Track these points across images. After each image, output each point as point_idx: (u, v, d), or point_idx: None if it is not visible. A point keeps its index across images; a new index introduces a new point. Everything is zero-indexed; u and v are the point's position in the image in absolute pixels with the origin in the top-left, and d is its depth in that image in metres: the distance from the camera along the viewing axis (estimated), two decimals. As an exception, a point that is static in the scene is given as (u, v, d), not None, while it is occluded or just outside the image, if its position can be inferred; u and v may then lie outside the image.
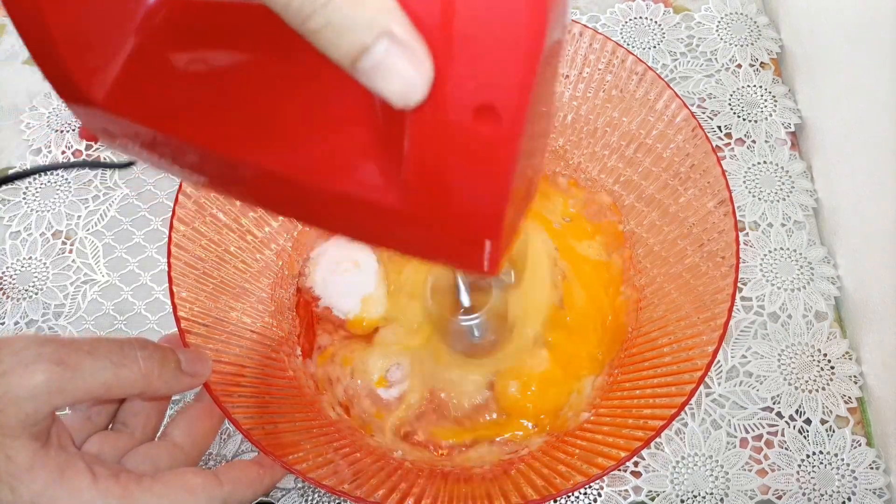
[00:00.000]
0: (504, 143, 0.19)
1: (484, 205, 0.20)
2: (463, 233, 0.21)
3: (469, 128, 0.18)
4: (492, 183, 0.19)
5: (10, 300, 0.47)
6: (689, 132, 0.38)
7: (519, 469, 0.36)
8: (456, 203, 0.20)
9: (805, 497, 0.40)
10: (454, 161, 0.19)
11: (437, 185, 0.20)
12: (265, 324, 0.41)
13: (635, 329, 0.40)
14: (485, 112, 0.18)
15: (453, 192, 0.20)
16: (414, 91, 0.18)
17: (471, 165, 0.19)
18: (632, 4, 0.56)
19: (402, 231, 0.22)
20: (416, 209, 0.21)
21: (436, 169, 0.20)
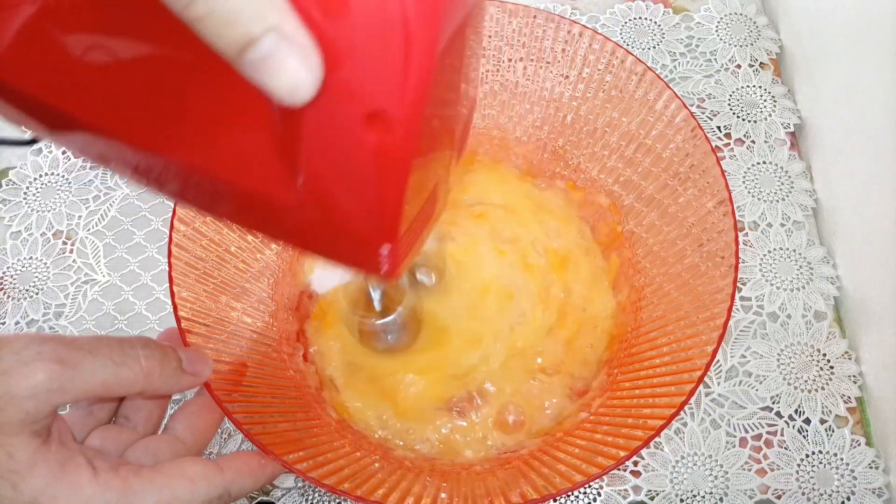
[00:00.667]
0: (395, 151, 0.18)
1: (377, 211, 0.19)
2: (357, 237, 0.20)
3: (359, 133, 0.18)
4: (384, 190, 0.19)
5: (10, 300, 0.47)
6: (688, 132, 0.38)
7: (519, 469, 0.36)
8: (349, 207, 0.20)
9: (804, 497, 0.40)
10: (346, 165, 0.19)
11: (330, 188, 0.19)
12: (265, 324, 0.41)
13: (635, 329, 0.40)
14: (375, 118, 0.17)
15: (346, 196, 0.19)
16: (301, 89, 0.17)
17: (362, 171, 0.19)
18: (631, 5, 0.56)
19: (303, 230, 0.21)
20: (312, 211, 0.20)
21: (328, 172, 0.19)
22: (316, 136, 0.18)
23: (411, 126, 0.18)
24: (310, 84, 0.17)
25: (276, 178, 0.20)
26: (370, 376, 0.41)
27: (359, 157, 0.18)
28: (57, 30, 0.21)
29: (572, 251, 0.45)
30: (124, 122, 0.21)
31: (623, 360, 0.40)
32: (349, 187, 0.19)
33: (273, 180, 0.20)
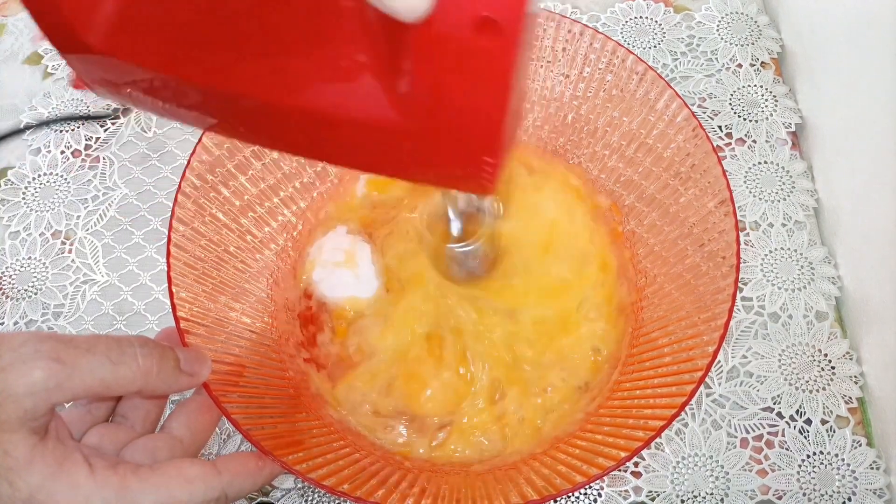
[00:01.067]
0: (504, 54, 0.19)
1: (484, 117, 0.20)
2: (465, 147, 0.21)
3: (470, 40, 0.19)
4: (492, 94, 0.20)
5: (9, 300, 0.47)
6: (689, 132, 0.38)
7: (519, 469, 0.36)
8: (458, 116, 0.21)
9: (805, 497, 0.40)
10: (456, 74, 0.20)
11: (439, 99, 0.20)
12: (265, 324, 0.41)
13: (636, 329, 0.40)
14: (485, 24, 0.19)
15: (455, 104, 0.20)
16: (420, 5, 0.18)
17: (472, 77, 0.20)
18: (632, 4, 0.56)
19: (403, 152, 0.22)
20: (418, 125, 0.21)
21: (438, 83, 0.20)
22: (425, 47, 0.19)
23: (518, 29, 0.19)
24: (428, 0, 0.18)
25: (382, 102, 0.21)
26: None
27: (469, 63, 0.19)
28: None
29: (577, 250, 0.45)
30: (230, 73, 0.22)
31: (624, 360, 0.40)
32: (458, 96, 0.20)
33: (380, 105, 0.21)
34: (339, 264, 0.43)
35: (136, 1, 0.22)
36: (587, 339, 0.41)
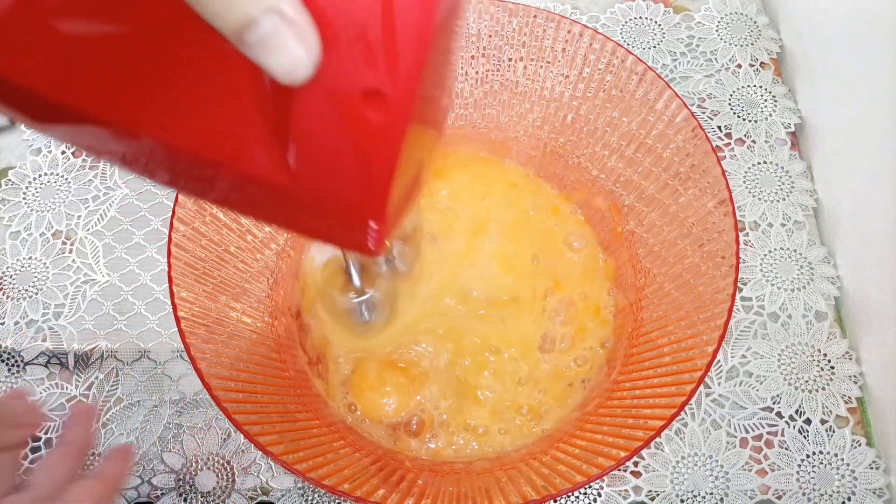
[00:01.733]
0: (391, 127, 0.19)
1: (368, 186, 0.20)
2: (347, 213, 0.21)
3: (356, 111, 0.18)
4: (377, 166, 0.20)
5: (10, 300, 0.47)
6: (689, 132, 0.38)
7: (519, 469, 0.36)
8: (340, 182, 0.20)
9: (805, 497, 0.40)
10: (340, 142, 0.19)
11: (322, 166, 0.20)
12: (265, 324, 0.41)
13: (636, 329, 0.40)
14: (372, 97, 0.18)
15: (338, 173, 0.20)
16: (300, 69, 0.18)
17: (356, 148, 0.19)
18: (632, 4, 0.56)
19: (289, 209, 0.22)
20: (301, 188, 0.21)
21: (321, 149, 0.20)
22: (310, 113, 0.19)
23: (407, 104, 0.18)
24: (308, 64, 0.18)
25: (267, 158, 0.20)
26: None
27: (353, 133, 0.19)
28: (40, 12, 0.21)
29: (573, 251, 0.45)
30: (110, 105, 0.21)
31: (623, 360, 0.40)
32: (342, 163, 0.20)
33: (264, 160, 0.20)
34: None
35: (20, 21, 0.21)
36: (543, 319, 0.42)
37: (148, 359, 0.45)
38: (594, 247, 0.45)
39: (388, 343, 0.42)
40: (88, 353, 0.45)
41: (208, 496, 0.41)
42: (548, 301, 0.43)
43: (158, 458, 0.42)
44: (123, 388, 0.44)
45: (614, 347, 0.42)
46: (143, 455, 0.42)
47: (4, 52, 0.21)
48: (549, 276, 0.44)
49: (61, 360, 0.45)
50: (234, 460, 0.42)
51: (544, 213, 0.46)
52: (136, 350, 0.45)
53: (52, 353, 0.45)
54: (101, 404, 0.44)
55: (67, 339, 0.45)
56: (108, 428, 0.43)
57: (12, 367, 0.45)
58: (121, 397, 0.44)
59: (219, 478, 0.41)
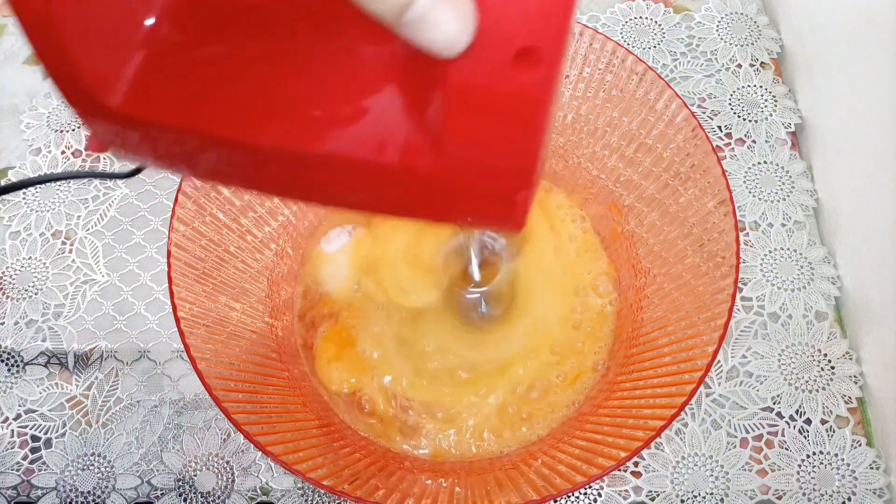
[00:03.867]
0: (543, 86, 0.18)
1: (521, 153, 0.20)
2: (498, 185, 0.21)
3: (509, 73, 0.18)
4: (530, 130, 0.19)
5: (9, 300, 0.47)
6: (689, 132, 0.38)
7: (519, 469, 0.36)
8: (494, 154, 0.20)
9: (805, 497, 0.40)
10: (493, 109, 0.19)
11: (474, 138, 0.20)
12: (265, 324, 0.41)
13: (636, 329, 0.40)
14: (525, 55, 0.18)
15: (491, 142, 0.20)
16: (459, 39, 0.18)
17: (509, 112, 0.19)
18: (632, 4, 0.56)
19: (434, 194, 0.22)
20: (451, 167, 0.20)
21: (474, 120, 0.19)
22: (462, 83, 0.19)
23: (558, 58, 0.18)
24: (467, 33, 0.18)
25: (416, 145, 0.20)
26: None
27: (507, 97, 0.19)
28: (170, 51, 0.21)
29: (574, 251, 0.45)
30: (259, 128, 0.21)
31: (623, 360, 0.40)
32: (494, 132, 0.19)
33: (414, 149, 0.20)
34: (332, 256, 0.44)
35: (152, 63, 0.21)
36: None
37: (148, 359, 0.45)
38: (595, 246, 0.45)
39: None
40: (88, 353, 0.45)
41: (208, 496, 0.41)
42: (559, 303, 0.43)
43: (158, 458, 0.42)
44: (123, 388, 0.44)
45: (614, 347, 0.42)
46: (143, 455, 0.42)
47: (146, 94, 0.21)
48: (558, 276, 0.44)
49: (61, 360, 0.45)
50: (234, 460, 0.42)
51: (544, 212, 0.46)
52: (135, 350, 0.45)
53: (51, 353, 0.45)
54: (101, 404, 0.44)
55: (67, 339, 0.45)
56: (108, 428, 0.43)
57: (12, 367, 0.45)
58: (121, 397, 0.44)
59: (219, 478, 0.41)
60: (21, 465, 0.42)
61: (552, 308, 0.42)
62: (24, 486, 0.42)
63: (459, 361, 0.41)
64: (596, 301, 0.43)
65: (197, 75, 0.22)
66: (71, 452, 0.42)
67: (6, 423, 0.43)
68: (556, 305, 0.42)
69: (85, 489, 0.41)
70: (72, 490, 0.41)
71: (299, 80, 0.21)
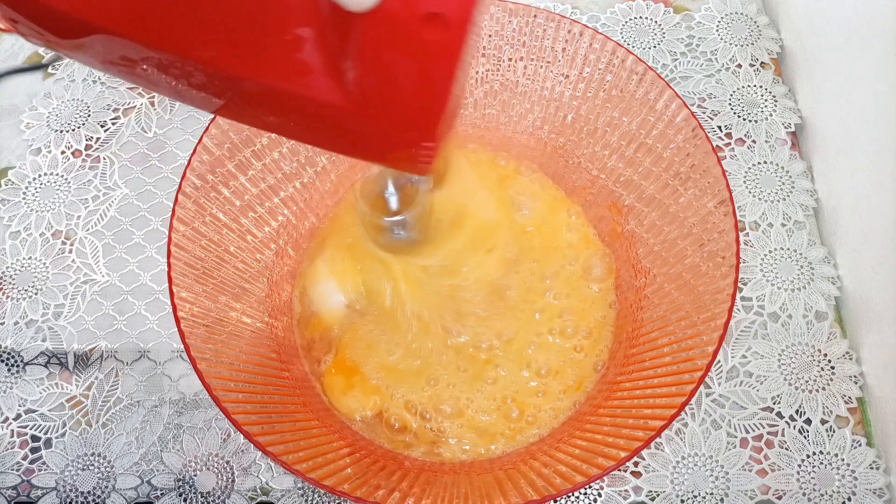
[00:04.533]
0: (450, 48, 0.20)
1: (425, 107, 0.21)
2: (404, 132, 0.22)
3: (418, 33, 0.20)
4: (436, 85, 0.21)
5: (9, 300, 0.47)
6: (689, 132, 0.38)
7: (519, 469, 0.36)
8: (399, 104, 0.21)
9: (805, 497, 0.40)
10: (401, 65, 0.20)
11: (383, 88, 0.21)
12: (265, 324, 0.41)
13: (636, 329, 0.40)
14: (434, 19, 0.19)
15: (397, 92, 0.21)
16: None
17: (417, 69, 0.20)
18: (632, 4, 0.56)
19: (345, 131, 0.23)
20: (361, 109, 0.22)
21: (383, 72, 0.21)
22: (373, 36, 0.20)
23: (466, 25, 0.20)
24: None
25: (327, 82, 0.22)
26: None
27: (413, 54, 0.20)
28: None
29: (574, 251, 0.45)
30: (163, 29, 0.22)
31: (623, 360, 0.40)
32: (401, 83, 0.21)
33: (324, 85, 0.22)
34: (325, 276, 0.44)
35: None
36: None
37: (148, 359, 0.45)
38: (595, 246, 0.45)
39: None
40: (88, 353, 0.45)
41: (208, 496, 0.41)
42: (547, 301, 0.43)
43: (158, 458, 0.42)
44: (123, 388, 0.44)
45: (614, 347, 0.42)
46: (143, 455, 0.42)
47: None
48: (549, 277, 0.44)
49: (61, 360, 0.45)
50: (233, 460, 0.42)
51: (544, 212, 0.46)
52: (135, 350, 0.45)
53: (51, 353, 0.45)
54: (101, 404, 0.44)
55: (67, 339, 0.45)
56: (108, 428, 0.43)
57: (12, 367, 0.45)
58: (121, 397, 0.44)
59: (219, 478, 0.41)
60: (21, 465, 0.42)
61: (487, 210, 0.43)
62: (24, 486, 0.42)
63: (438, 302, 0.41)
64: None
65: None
66: (71, 452, 0.42)
67: (6, 423, 0.43)
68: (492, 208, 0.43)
69: (85, 489, 0.41)
70: (72, 490, 0.41)
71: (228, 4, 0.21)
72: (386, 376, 0.41)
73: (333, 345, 0.43)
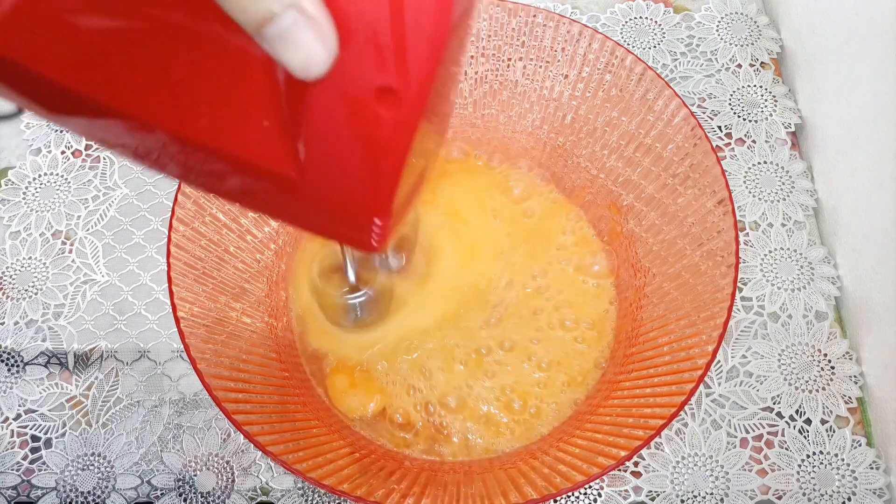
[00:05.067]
0: (402, 125, 0.19)
1: (376, 184, 0.20)
2: (354, 209, 0.21)
3: (368, 108, 0.19)
4: (386, 163, 0.20)
5: (9, 300, 0.47)
6: (688, 132, 0.38)
7: (519, 468, 0.36)
8: (349, 179, 0.20)
9: (805, 497, 0.40)
10: (350, 138, 0.19)
11: (331, 160, 0.20)
12: (265, 324, 0.41)
13: (635, 329, 0.40)
14: (385, 94, 0.18)
15: (346, 168, 0.20)
16: (316, 64, 0.18)
17: (366, 144, 0.19)
18: (632, 4, 0.56)
19: (295, 203, 0.22)
20: (309, 182, 0.21)
21: (332, 144, 0.20)
22: (323, 109, 0.19)
23: (418, 102, 0.18)
24: (325, 60, 0.18)
25: (277, 152, 0.20)
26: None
27: (364, 130, 0.19)
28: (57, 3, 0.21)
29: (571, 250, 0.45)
30: (123, 95, 0.21)
31: (623, 360, 0.40)
32: (352, 159, 0.20)
33: (274, 154, 0.20)
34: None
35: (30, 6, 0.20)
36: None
37: (148, 359, 0.45)
38: (595, 246, 0.45)
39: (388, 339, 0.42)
40: (88, 353, 0.45)
41: (208, 496, 0.41)
42: (547, 301, 0.43)
43: (158, 458, 0.42)
44: (123, 388, 0.44)
45: (614, 347, 0.42)
46: (143, 455, 0.42)
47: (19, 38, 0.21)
48: (549, 276, 0.44)
49: (61, 360, 0.45)
50: (234, 460, 0.42)
51: (544, 212, 0.46)
52: (135, 350, 0.45)
53: (51, 353, 0.45)
54: (101, 404, 0.44)
55: (67, 339, 0.45)
56: (108, 428, 0.43)
57: (12, 367, 0.45)
58: (120, 397, 0.44)
59: (219, 478, 0.41)
60: (21, 465, 0.42)
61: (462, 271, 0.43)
62: (24, 486, 0.42)
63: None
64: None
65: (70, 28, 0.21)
66: (71, 452, 0.42)
67: (6, 423, 0.43)
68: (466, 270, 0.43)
69: (85, 489, 0.41)
70: (72, 490, 0.42)
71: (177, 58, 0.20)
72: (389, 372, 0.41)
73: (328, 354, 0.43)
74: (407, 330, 0.42)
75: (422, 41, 0.18)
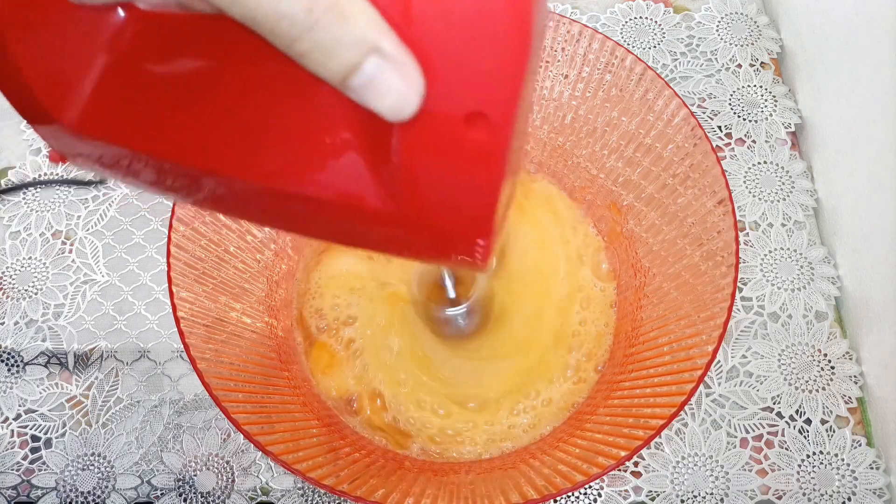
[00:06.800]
0: (495, 147, 0.19)
1: (476, 206, 0.20)
2: (456, 235, 0.21)
3: (460, 135, 0.19)
4: (484, 186, 0.20)
5: (9, 300, 0.47)
6: (688, 132, 0.38)
7: (519, 469, 0.36)
8: (449, 207, 0.20)
9: (805, 497, 0.40)
10: (446, 168, 0.19)
11: (430, 192, 0.20)
12: (265, 324, 0.41)
13: (635, 329, 0.40)
14: (475, 119, 0.18)
15: (446, 197, 0.20)
16: (406, 105, 0.18)
17: (463, 170, 0.20)
18: (632, 4, 0.56)
19: (395, 235, 0.22)
20: (410, 214, 0.21)
21: (428, 176, 0.20)
22: (414, 142, 0.19)
23: (509, 123, 0.18)
24: (415, 100, 0.18)
25: (370, 188, 0.21)
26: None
27: (459, 156, 0.19)
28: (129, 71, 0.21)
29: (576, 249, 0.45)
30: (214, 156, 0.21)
31: (623, 360, 0.40)
32: (449, 187, 0.20)
33: (368, 191, 0.21)
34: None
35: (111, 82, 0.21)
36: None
37: (148, 359, 0.45)
38: (594, 246, 0.45)
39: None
40: (88, 353, 0.45)
41: (208, 496, 0.41)
42: (547, 300, 0.43)
43: (158, 458, 0.42)
44: (123, 388, 0.44)
45: (614, 347, 0.42)
46: (143, 455, 0.42)
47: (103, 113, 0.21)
48: (549, 276, 0.44)
49: (61, 360, 0.45)
50: (234, 460, 0.42)
51: (543, 212, 0.46)
52: (135, 350, 0.45)
53: (51, 353, 0.45)
54: (101, 404, 0.44)
55: (67, 339, 0.45)
56: (108, 428, 0.43)
57: (12, 367, 0.45)
58: (121, 397, 0.44)
59: (219, 478, 0.41)
60: (21, 465, 0.42)
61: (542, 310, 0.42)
62: (24, 486, 0.42)
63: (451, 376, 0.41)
64: (595, 288, 0.43)
65: (154, 96, 0.21)
66: (71, 452, 0.42)
67: (6, 423, 0.43)
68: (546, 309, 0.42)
69: (85, 489, 0.41)
70: (72, 490, 0.42)
71: (260, 113, 0.21)
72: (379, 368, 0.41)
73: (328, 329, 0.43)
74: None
75: (505, 62, 0.18)
